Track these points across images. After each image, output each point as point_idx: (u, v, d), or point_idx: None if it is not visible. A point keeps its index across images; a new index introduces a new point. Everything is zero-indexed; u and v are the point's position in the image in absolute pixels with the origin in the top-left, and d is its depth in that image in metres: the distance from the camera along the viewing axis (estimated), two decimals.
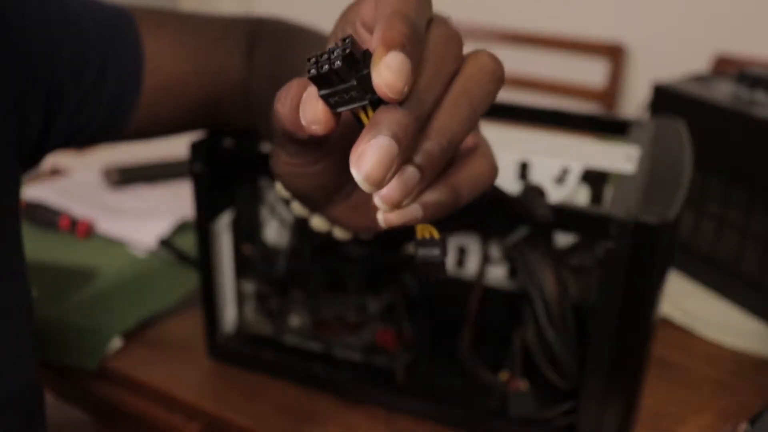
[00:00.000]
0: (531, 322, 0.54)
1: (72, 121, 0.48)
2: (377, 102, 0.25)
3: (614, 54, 1.85)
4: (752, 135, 0.67)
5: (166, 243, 0.78)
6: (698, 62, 1.64)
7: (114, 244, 0.82)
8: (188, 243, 0.79)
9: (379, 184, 0.25)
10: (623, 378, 0.50)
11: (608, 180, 0.59)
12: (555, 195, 0.56)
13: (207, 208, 0.58)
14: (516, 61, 1.91)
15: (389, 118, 0.25)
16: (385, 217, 0.28)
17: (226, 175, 0.59)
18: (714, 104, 0.70)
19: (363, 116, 0.27)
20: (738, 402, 0.60)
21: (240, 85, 0.54)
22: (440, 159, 0.27)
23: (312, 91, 0.26)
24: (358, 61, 0.25)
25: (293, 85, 0.28)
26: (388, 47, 0.24)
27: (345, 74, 0.25)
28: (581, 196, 0.59)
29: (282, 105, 0.28)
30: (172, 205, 0.90)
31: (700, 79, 0.78)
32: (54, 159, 1.07)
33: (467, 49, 0.29)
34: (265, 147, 0.63)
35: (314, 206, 0.37)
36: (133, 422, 0.63)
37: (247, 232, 0.63)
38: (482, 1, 2.03)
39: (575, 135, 0.68)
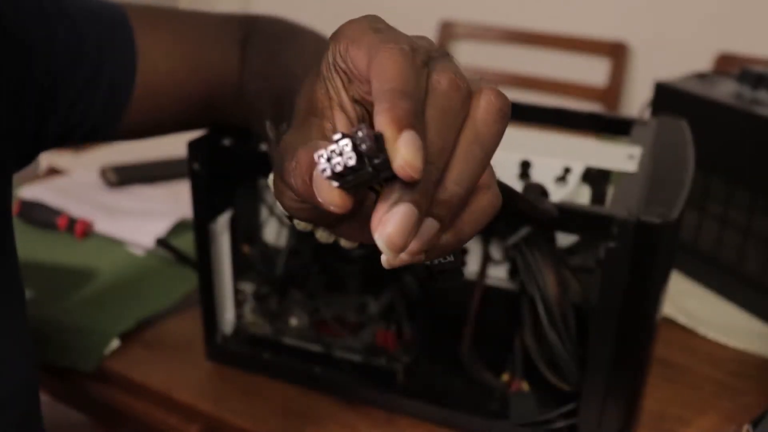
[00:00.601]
0: (529, 323, 0.54)
1: (66, 118, 0.48)
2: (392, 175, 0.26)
3: (616, 52, 1.85)
4: (755, 134, 0.67)
5: (164, 243, 0.78)
6: (701, 61, 1.63)
7: (112, 243, 0.82)
8: (187, 243, 0.78)
9: (402, 249, 0.26)
10: (625, 379, 0.49)
11: (610, 179, 0.59)
12: (556, 195, 0.56)
13: (206, 208, 0.58)
14: (518, 60, 1.91)
15: (407, 184, 0.25)
16: (387, 260, 0.28)
17: (226, 174, 0.59)
18: (716, 103, 0.70)
19: (377, 186, 0.27)
20: (741, 403, 0.60)
21: (234, 82, 0.54)
22: (458, 207, 0.28)
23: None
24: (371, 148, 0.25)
25: (302, 160, 0.27)
26: (399, 128, 0.24)
27: (359, 165, 0.25)
28: (583, 196, 0.59)
29: (294, 178, 0.28)
30: (170, 204, 0.89)
31: (702, 77, 0.77)
32: (52, 159, 1.06)
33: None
34: (265, 146, 0.62)
35: (319, 225, 0.37)
36: (131, 423, 0.62)
37: (246, 232, 0.62)
38: (484, 1, 2.02)
39: (577, 134, 0.68)
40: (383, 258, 0.28)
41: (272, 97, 0.48)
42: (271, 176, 0.38)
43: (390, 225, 0.25)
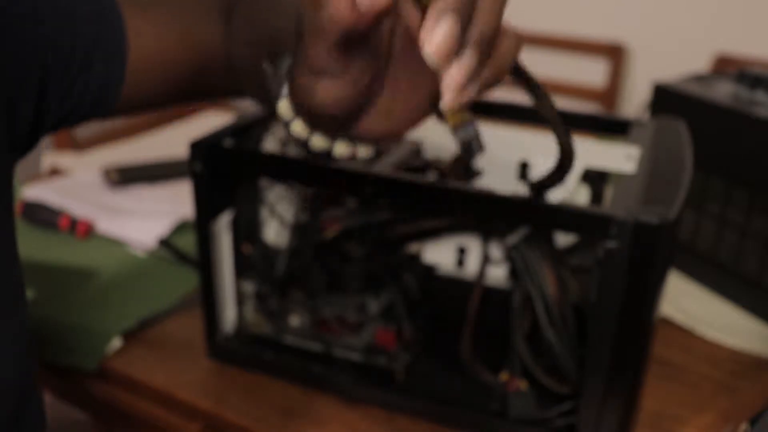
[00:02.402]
0: (521, 329, 0.54)
1: (64, 101, 0.48)
2: None
3: (614, 54, 1.85)
4: (752, 135, 0.67)
5: (165, 243, 0.78)
6: (698, 62, 1.64)
7: (114, 243, 0.82)
8: (188, 243, 0.79)
9: (447, 58, 0.30)
10: (623, 378, 0.49)
11: (608, 180, 0.59)
12: (555, 195, 0.56)
13: (207, 208, 0.58)
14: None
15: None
16: (446, 102, 0.32)
17: (226, 175, 0.59)
18: (714, 104, 0.70)
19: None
20: (738, 402, 0.60)
21: (221, 53, 0.55)
22: (493, 38, 0.31)
23: None
24: None
25: None
26: None
27: None
28: (581, 196, 0.59)
29: (335, 5, 0.32)
30: (171, 205, 0.90)
31: (700, 78, 0.78)
32: (54, 159, 1.07)
33: None
34: (267, 145, 0.63)
35: (331, 125, 0.40)
36: (132, 422, 0.63)
37: (247, 232, 0.63)
38: None
39: (576, 135, 0.68)
40: (444, 98, 0.32)
41: (259, 50, 0.49)
42: (282, 102, 0.41)
43: (436, 35, 0.29)
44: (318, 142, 0.42)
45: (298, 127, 0.41)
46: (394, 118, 0.40)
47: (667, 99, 0.75)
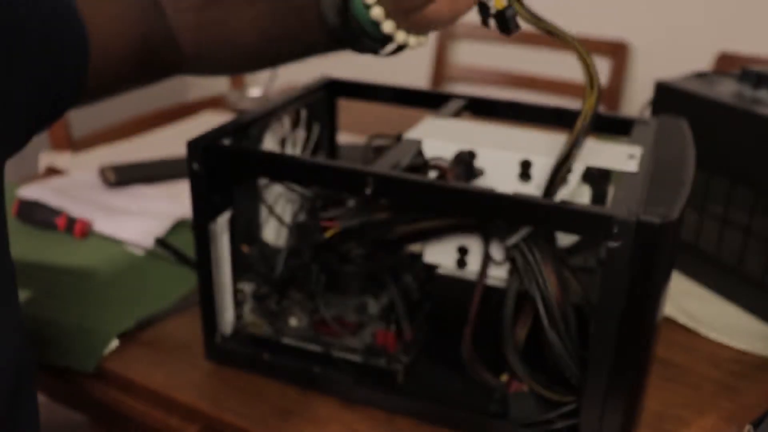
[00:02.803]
0: (512, 345, 0.54)
1: (55, 97, 0.49)
2: None
3: (617, 52, 1.84)
4: (755, 133, 0.67)
5: (163, 242, 0.78)
6: (701, 60, 1.63)
7: (111, 243, 0.82)
8: (186, 243, 0.78)
9: None
10: (625, 379, 0.49)
11: (611, 179, 0.59)
12: (557, 194, 0.56)
13: (205, 208, 0.58)
14: (518, 59, 1.90)
15: None
16: None
17: (225, 174, 0.59)
18: (717, 102, 0.70)
19: None
20: (741, 403, 0.60)
21: (162, 21, 0.56)
22: None
23: None
24: None
25: None
26: None
27: None
28: (583, 196, 0.59)
29: None
30: (169, 204, 0.89)
31: (703, 77, 0.77)
32: (51, 158, 1.06)
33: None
34: (266, 144, 0.62)
35: (411, 5, 0.50)
36: (130, 424, 0.62)
37: (245, 232, 0.62)
38: None
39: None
40: None
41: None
42: (375, 10, 0.50)
43: None
44: (389, 26, 0.51)
45: (377, 11, 0.50)
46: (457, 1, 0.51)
47: (669, 97, 0.75)
